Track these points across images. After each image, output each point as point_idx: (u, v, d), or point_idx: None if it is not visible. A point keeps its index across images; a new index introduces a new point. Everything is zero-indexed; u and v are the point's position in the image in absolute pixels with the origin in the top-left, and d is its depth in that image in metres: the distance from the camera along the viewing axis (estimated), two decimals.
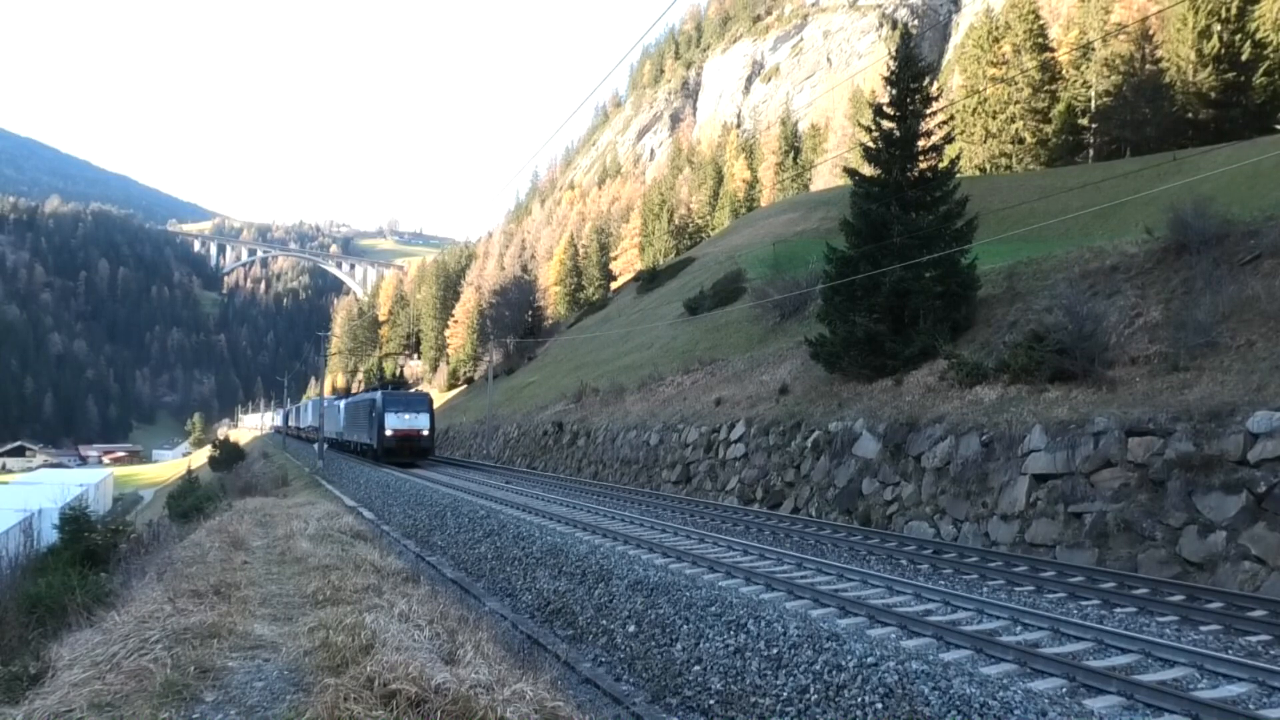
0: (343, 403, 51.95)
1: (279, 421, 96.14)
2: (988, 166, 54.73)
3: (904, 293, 21.88)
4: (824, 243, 26.24)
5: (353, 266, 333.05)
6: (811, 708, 7.51)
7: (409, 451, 36.23)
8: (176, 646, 6.54)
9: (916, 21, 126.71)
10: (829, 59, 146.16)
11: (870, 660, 7.65)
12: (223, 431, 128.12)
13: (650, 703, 8.77)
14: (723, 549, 14.56)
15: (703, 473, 25.20)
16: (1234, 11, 41.94)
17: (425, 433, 37.08)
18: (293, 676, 6.19)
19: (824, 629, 8.66)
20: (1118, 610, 10.06)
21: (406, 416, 36.46)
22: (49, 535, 26.72)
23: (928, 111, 23.65)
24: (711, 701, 8.38)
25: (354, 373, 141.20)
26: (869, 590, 11.17)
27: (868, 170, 24.16)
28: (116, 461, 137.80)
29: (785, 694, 7.84)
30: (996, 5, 71.24)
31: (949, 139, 24.74)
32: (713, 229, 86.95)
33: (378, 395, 37.99)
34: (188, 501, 28.87)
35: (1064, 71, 53.79)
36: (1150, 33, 47.04)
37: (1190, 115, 43.24)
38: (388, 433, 35.81)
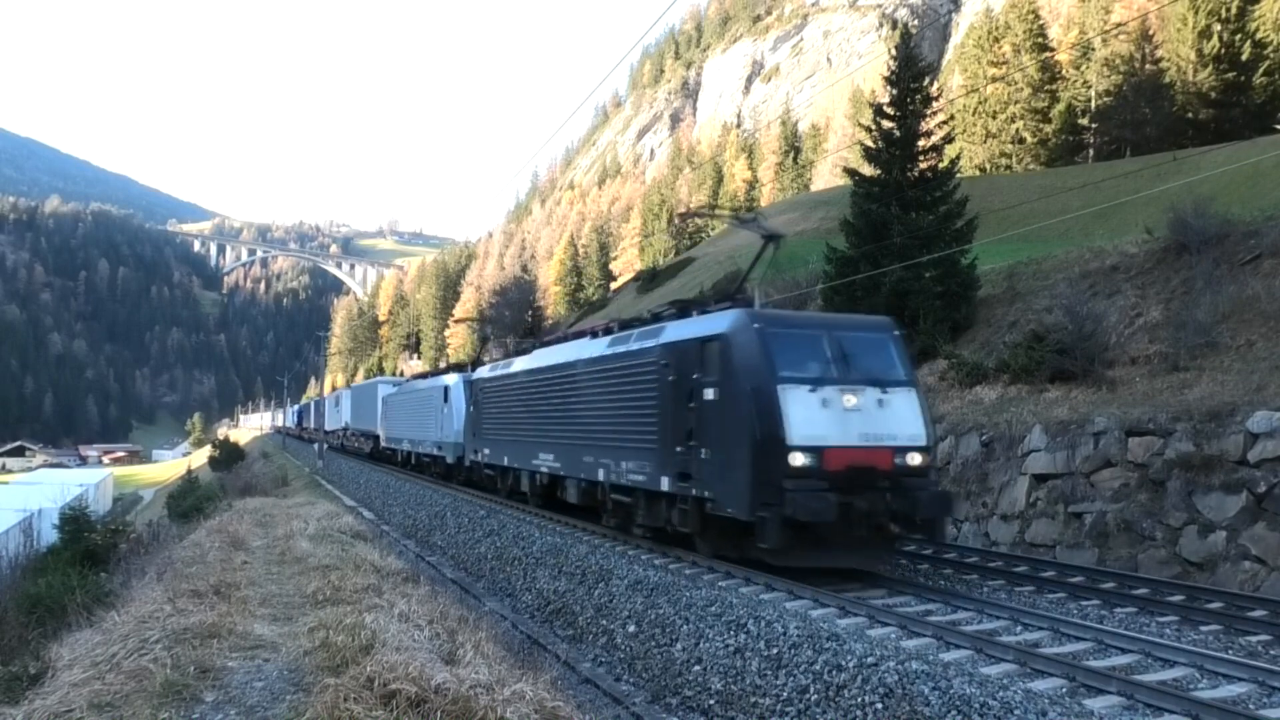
0: (454, 381, 24.26)
1: (283, 421, 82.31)
2: (988, 166, 54.74)
3: (904, 293, 21.89)
4: (824, 243, 26.25)
5: (353, 266, 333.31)
6: (811, 708, 7.51)
7: (879, 517, 9.89)
8: (176, 646, 6.54)
9: (916, 21, 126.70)
10: (829, 59, 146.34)
11: (870, 660, 7.64)
12: (223, 431, 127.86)
13: (650, 702, 8.77)
14: None
15: None
16: (1234, 11, 41.99)
17: (920, 461, 10.24)
18: (293, 676, 6.19)
19: (824, 629, 8.65)
20: (1118, 610, 10.04)
21: (853, 400, 9.99)
22: (49, 535, 26.70)
23: (928, 111, 23.68)
24: (711, 701, 8.38)
25: (354, 373, 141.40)
26: (868, 590, 11.16)
27: (868, 170, 24.18)
28: (116, 461, 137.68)
29: (785, 694, 7.83)
30: (996, 5, 71.27)
31: (949, 139, 24.80)
32: (713, 229, 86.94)
33: (738, 320, 10.62)
34: (188, 501, 28.88)
35: (1064, 71, 53.85)
36: (1150, 33, 47.08)
37: (1190, 115, 43.27)
38: (796, 461, 9.53)
